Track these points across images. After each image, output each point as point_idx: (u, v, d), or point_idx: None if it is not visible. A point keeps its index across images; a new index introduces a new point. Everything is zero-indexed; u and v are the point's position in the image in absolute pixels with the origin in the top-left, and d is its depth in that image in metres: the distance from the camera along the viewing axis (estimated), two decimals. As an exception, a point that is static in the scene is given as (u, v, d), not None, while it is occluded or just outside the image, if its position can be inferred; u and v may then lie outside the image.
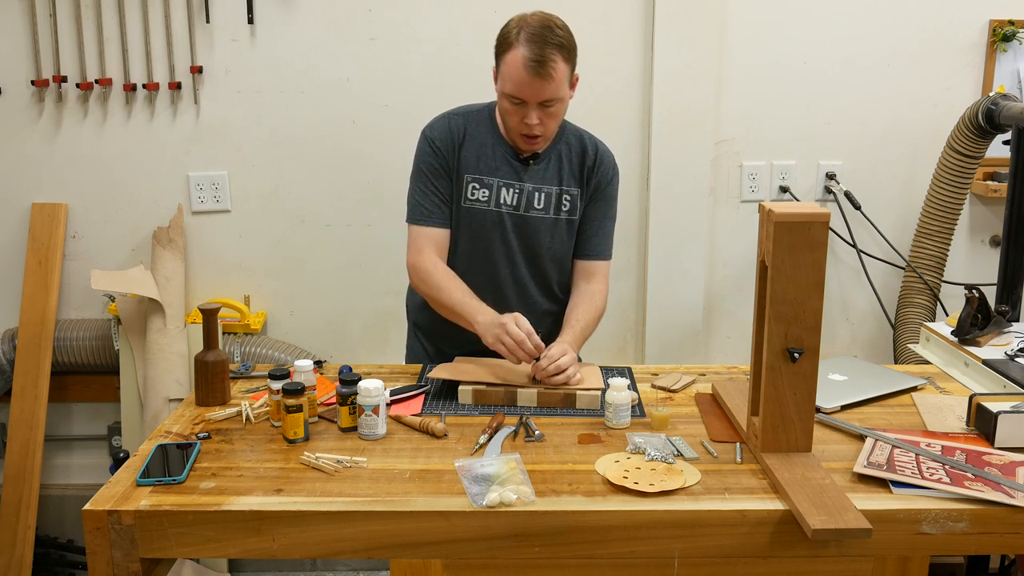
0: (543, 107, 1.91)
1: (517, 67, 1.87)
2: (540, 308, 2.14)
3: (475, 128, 2.05)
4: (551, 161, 2.06)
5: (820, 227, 1.51)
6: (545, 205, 2.05)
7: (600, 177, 2.08)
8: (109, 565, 1.45)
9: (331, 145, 2.82)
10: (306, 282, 2.91)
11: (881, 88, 2.83)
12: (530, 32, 1.86)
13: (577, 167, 2.07)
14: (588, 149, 2.08)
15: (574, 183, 2.07)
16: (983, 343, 2.15)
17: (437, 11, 2.73)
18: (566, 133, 2.08)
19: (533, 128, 1.93)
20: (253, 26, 2.72)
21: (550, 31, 1.87)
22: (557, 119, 1.97)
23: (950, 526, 1.44)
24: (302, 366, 1.79)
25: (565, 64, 1.89)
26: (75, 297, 2.89)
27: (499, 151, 2.04)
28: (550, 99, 1.90)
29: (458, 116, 2.07)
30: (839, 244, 2.90)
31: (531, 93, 1.88)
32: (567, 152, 2.07)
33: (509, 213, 2.05)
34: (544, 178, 2.05)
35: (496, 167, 2.03)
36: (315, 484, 1.53)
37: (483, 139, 2.04)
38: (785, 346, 1.55)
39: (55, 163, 2.80)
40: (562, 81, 1.89)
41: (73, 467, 3.02)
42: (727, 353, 3.00)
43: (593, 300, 2.09)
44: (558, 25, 1.90)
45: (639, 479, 1.52)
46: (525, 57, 1.85)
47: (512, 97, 1.91)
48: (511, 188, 2.04)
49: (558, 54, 1.87)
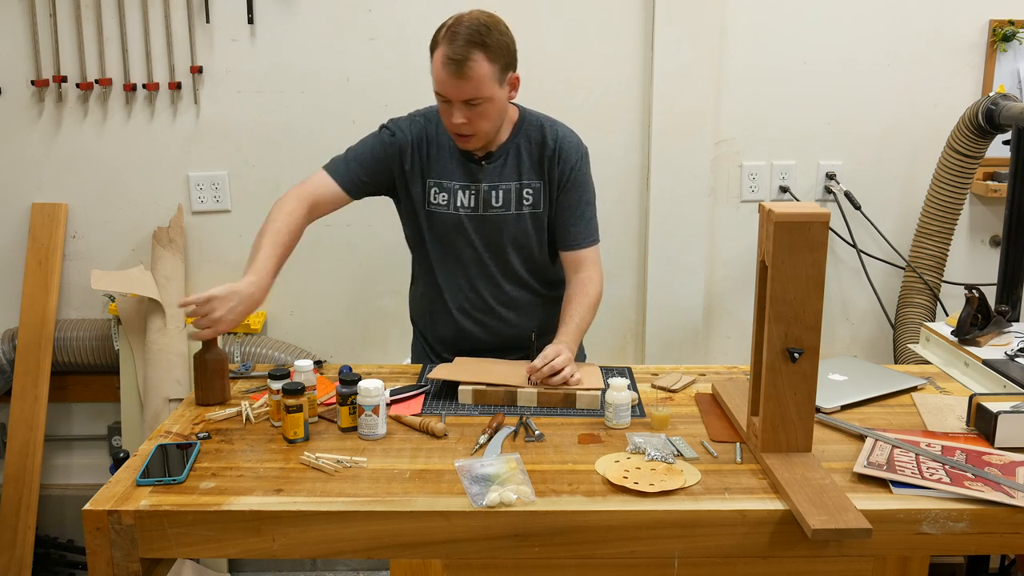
0: (469, 106, 1.89)
1: (438, 65, 1.88)
2: (518, 302, 2.13)
3: (435, 131, 2.05)
4: (508, 157, 2.04)
5: (820, 227, 1.51)
6: (504, 202, 2.04)
7: (563, 165, 2.04)
8: (109, 565, 1.45)
9: (331, 145, 2.79)
10: (306, 282, 2.91)
11: (881, 88, 2.83)
12: (454, 31, 1.86)
13: (536, 159, 2.05)
14: (548, 139, 2.04)
15: (535, 176, 2.05)
16: (983, 343, 2.15)
17: (437, 11, 2.70)
18: (525, 125, 2.06)
19: (460, 127, 1.92)
20: (253, 26, 2.72)
21: (475, 31, 1.85)
22: (489, 118, 1.93)
23: (950, 526, 1.44)
24: (302, 366, 1.79)
25: (489, 64, 1.86)
26: (75, 297, 2.89)
27: (455, 153, 2.03)
28: (473, 98, 1.88)
29: (420, 119, 2.07)
30: (839, 244, 2.90)
31: (452, 91, 1.88)
32: (526, 145, 2.05)
33: (468, 215, 2.04)
34: (501, 175, 2.04)
35: (453, 170, 2.04)
36: (315, 484, 1.53)
37: (441, 142, 2.04)
38: (785, 346, 1.55)
39: (55, 163, 2.80)
40: (484, 80, 1.86)
41: (73, 467, 3.02)
42: (727, 353, 3.00)
43: (585, 290, 2.06)
44: (486, 24, 1.87)
45: (639, 479, 1.52)
46: (444, 55, 1.85)
47: (438, 95, 1.92)
48: (467, 190, 2.03)
49: (480, 53, 1.85)
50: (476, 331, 2.12)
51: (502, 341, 2.12)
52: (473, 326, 2.12)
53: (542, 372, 1.88)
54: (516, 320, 2.12)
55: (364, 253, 2.88)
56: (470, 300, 2.10)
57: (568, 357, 1.92)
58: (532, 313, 2.13)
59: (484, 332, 2.13)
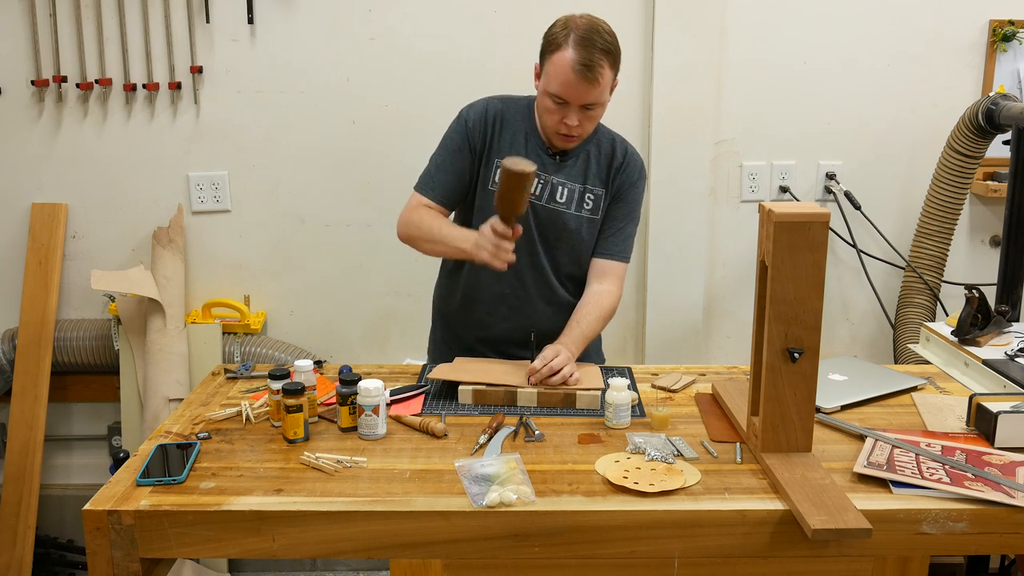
0: (584, 109, 1.93)
1: (565, 69, 1.88)
2: (559, 297, 2.13)
3: (512, 116, 2.07)
4: (579, 159, 2.07)
5: (820, 227, 1.51)
6: (567, 200, 2.06)
7: (624, 179, 2.10)
8: (109, 565, 1.45)
9: (331, 145, 2.82)
10: (306, 282, 2.91)
11: (881, 88, 2.83)
12: (579, 35, 1.88)
13: (604, 168, 2.09)
14: (617, 152, 2.10)
15: (599, 183, 2.09)
16: (983, 343, 2.15)
17: (437, 11, 2.73)
18: (598, 134, 2.10)
19: (572, 129, 1.95)
20: (253, 26, 2.72)
21: (598, 35, 1.89)
22: (595, 122, 2.00)
23: (950, 526, 1.44)
24: (302, 366, 1.79)
25: (611, 70, 1.92)
26: (75, 297, 2.89)
27: (532, 143, 2.06)
28: (593, 103, 1.92)
29: (497, 101, 2.09)
30: (839, 244, 2.90)
31: (576, 95, 1.90)
32: (596, 153, 2.09)
33: (533, 202, 2.06)
34: (570, 175, 2.07)
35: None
36: (315, 484, 1.53)
37: (518, 127, 2.06)
38: (785, 346, 1.55)
39: (55, 163, 2.80)
40: (607, 86, 1.93)
41: (73, 467, 3.02)
42: (727, 353, 3.00)
43: (600, 302, 2.08)
44: (605, 30, 1.92)
45: (639, 479, 1.52)
46: (574, 60, 1.87)
47: (556, 97, 1.92)
48: (537, 179, 2.05)
49: (606, 60, 1.89)
50: (508, 322, 2.12)
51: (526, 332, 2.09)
52: (509, 314, 2.12)
53: (541, 373, 1.88)
54: (550, 316, 2.12)
55: (364, 253, 2.88)
56: (513, 287, 2.10)
57: (568, 357, 1.92)
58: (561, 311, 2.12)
59: (514, 324, 2.12)
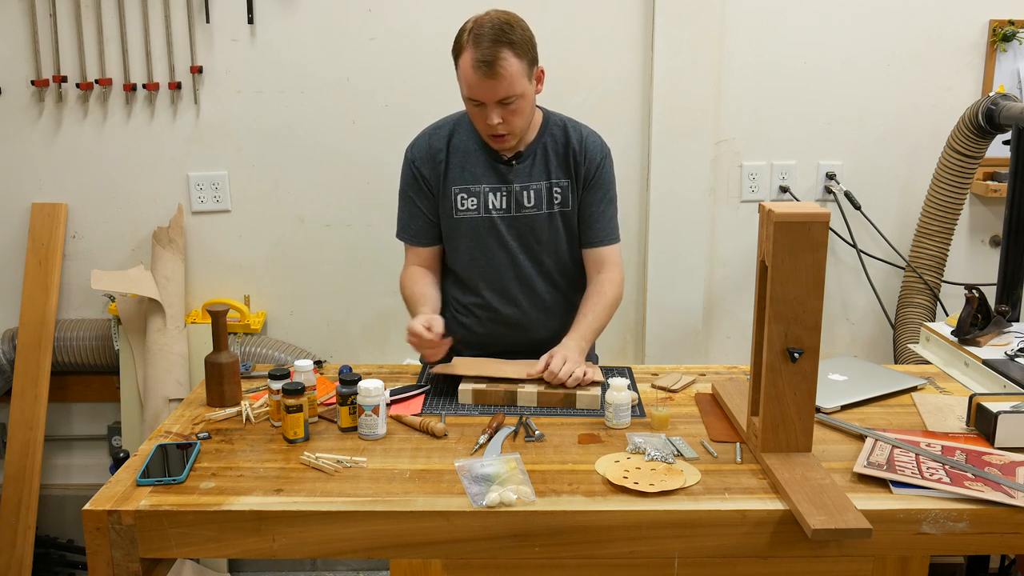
0: (503, 105, 1.89)
1: (467, 69, 1.87)
2: (549, 303, 2.13)
3: (459, 138, 2.05)
4: (536, 157, 2.05)
5: (820, 227, 1.51)
6: (536, 202, 2.05)
7: (588, 164, 2.06)
8: (109, 565, 1.45)
9: (331, 145, 2.82)
10: (306, 282, 2.91)
11: (881, 88, 2.83)
12: (478, 33, 1.86)
13: (563, 158, 2.05)
14: (572, 138, 2.05)
15: (563, 175, 2.06)
16: (983, 343, 2.15)
17: (437, 11, 2.72)
18: (550, 125, 2.07)
19: (496, 128, 1.92)
20: (253, 26, 2.72)
21: (499, 30, 1.85)
22: (522, 115, 1.94)
23: (950, 526, 1.44)
24: (302, 366, 1.79)
25: (518, 60, 1.87)
26: (75, 297, 2.89)
27: (482, 157, 2.03)
28: (507, 97, 1.88)
29: (440, 130, 2.07)
30: (839, 244, 2.90)
31: (485, 93, 1.88)
32: (552, 144, 2.05)
33: (500, 217, 2.04)
34: (531, 175, 2.04)
35: (481, 174, 2.03)
36: (315, 484, 1.53)
37: (467, 147, 2.04)
38: (785, 346, 1.55)
39: (55, 163, 2.80)
40: (516, 78, 1.87)
41: (73, 467, 3.02)
42: (727, 353, 3.00)
43: (603, 290, 2.07)
44: (508, 22, 1.87)
45: (639, 479, 1.52)
46: (473, 58, 1.85)
47: (470, 99, 1.91)
48: (498, 192, 2.04)
49: (508, 51, 1.85)
50: (505, 334, 2.12)
51: (527, 345, 2.10)
52: (503, 329, 2.12)
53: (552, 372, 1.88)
54: (545, 322, 2.12)
55: (364, 253, 2.88)
56: (502, 303, 2.10)
57: (576, 361, 1.92)
58: (562, 316, 2.12)
59: (511, 336, 2.12)
